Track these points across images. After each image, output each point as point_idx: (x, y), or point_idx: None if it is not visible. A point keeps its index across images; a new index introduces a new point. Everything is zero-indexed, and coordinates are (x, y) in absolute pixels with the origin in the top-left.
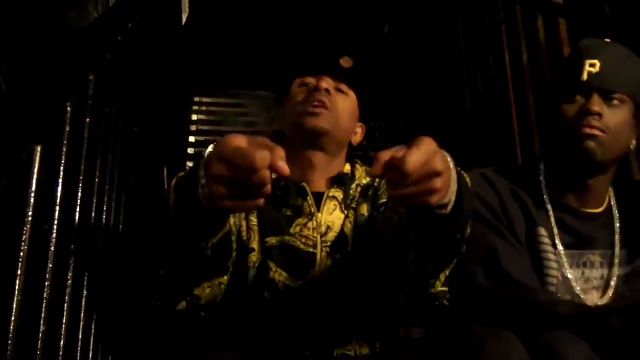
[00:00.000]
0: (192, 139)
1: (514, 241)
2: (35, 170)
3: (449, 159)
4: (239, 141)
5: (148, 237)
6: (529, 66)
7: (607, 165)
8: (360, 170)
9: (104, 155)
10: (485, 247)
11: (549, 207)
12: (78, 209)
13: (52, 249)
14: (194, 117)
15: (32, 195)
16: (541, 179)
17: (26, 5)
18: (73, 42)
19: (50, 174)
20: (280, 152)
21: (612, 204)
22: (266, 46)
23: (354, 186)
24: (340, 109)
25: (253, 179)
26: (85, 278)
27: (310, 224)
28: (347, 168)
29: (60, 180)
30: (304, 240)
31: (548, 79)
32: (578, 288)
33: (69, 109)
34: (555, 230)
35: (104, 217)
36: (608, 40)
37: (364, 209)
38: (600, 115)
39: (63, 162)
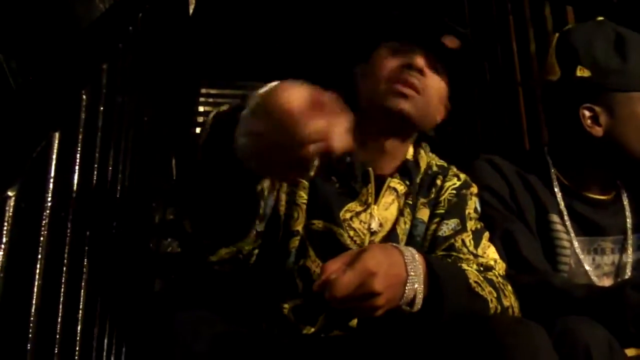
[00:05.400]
0: (198, 130)
1: (525, 228)
2: (54, 157)
3: (412, 260)
4: (294, 97)
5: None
6: (537, 55)
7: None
8: (424, 158)
9: (117, 143)
10: (502, 233)
11: (558, 193)
12: (93, 197)
13: (69, 233)
14: (201, 109)
15: (51, 181)
16: (550, 165)
17: None
18: (87, 30)
19: (67, 161)
20: (343, 123)
21: (622, 190)
22: (272, 38)
23: (418, 179)
24: (432, 93)
25: (293, 151)
26: (100, 262)
27: (363, 216)
28: (410, 152)
29: (77, 168)
30: (352, 234)
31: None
32: (591, 274)
33: (84, 97)
34: (566, 217)
35: (117, 204)
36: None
37: (424, 214)
38: None
39: (79, 149)
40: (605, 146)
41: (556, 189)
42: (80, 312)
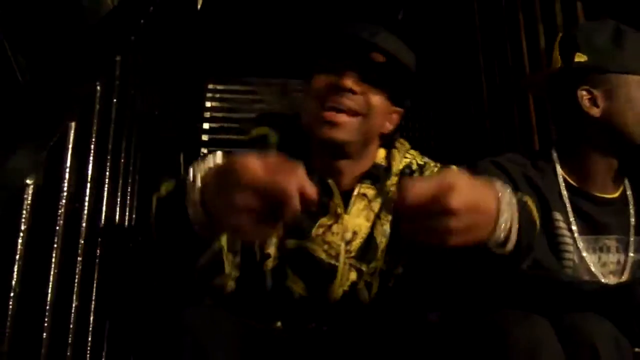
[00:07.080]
0: (206, 125)
1: None
2: (70, 146)
3: (503, 194)
4: (258, 167)
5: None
6: (546, 52)
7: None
8: (398, 156)
9: (129, 135)
10: None
11: (564, 191)
12: (106, 187)
13: (84, 224)
14: (208, 104)
15: (67, 170)
16: (556, 163)
17: None
18: (101, 23)
19: (82, 151)
20: (302, 173)
21: (627, 190)
22: (279, 34)
23: (389, 182)
24: (369, 107)
25: (286, 209)
26: (113, 250)
27: (335, 227)
28: (382, 155)
29: (91, 158)
30: (326, 248)
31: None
32: (596, 272)
33: (98, 88)
34: (571, 215)
35: (128, 197)
36: None
37: None
38: None
39: (93, 140)
40: (604, 127)
41: (562, 188)
42: (93, 301)
